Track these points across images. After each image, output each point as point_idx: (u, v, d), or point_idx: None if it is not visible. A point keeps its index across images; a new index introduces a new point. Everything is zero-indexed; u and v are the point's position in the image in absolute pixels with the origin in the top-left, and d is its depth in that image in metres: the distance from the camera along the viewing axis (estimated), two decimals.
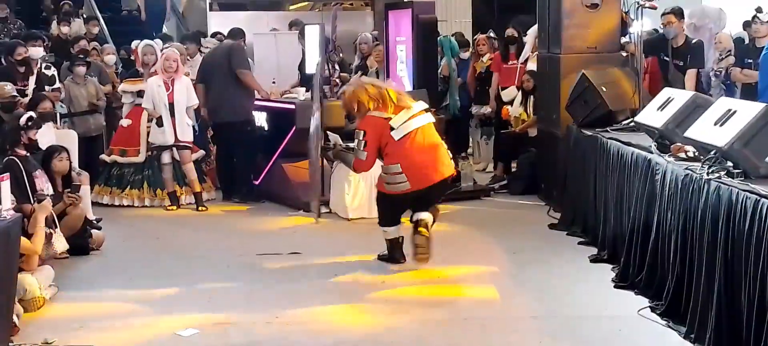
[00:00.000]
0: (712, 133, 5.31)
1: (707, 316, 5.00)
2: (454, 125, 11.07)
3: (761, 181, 4.81)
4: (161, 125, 9.45)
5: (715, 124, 5.32)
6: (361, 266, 7.07)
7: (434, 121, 7.24)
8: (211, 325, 5.71)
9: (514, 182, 10.19)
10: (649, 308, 5.75)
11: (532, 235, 8.05)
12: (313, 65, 9.53)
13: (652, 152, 6.27)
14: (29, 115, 7.48)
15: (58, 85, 9.95)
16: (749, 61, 9.29)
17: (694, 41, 9.24)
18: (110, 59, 11.71)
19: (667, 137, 6.26)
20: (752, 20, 9.47)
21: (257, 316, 5.87)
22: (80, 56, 10.68)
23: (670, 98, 6.56)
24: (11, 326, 5.42)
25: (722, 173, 5.06)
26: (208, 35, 12.74)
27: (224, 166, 10.23)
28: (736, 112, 5.21)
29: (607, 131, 7.56)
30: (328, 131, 8.24)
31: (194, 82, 9.91)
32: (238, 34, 10.46)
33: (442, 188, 7.18)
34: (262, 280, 6.75)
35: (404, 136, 6.89)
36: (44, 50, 10.17)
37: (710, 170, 5.15)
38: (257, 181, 10.12)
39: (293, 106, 9.67)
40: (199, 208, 9.60)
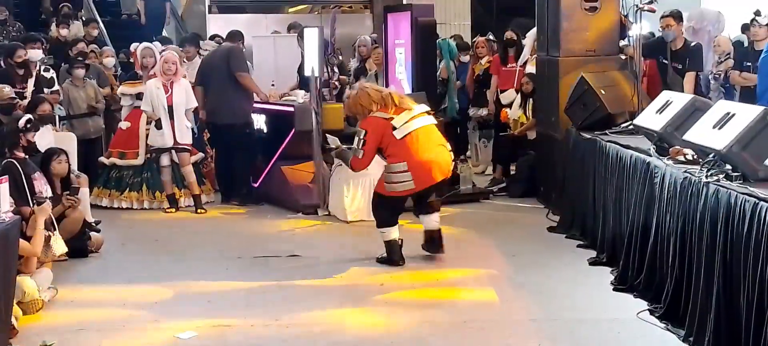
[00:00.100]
0: (710, 136, 5.31)
1: (706, 319, 5.00)
2: (452, 128, 11.08)
3: (760, 184, 4.81)
4: (160, 128, 9.44)
5: (713, 127, 5.33)
6: (359, 269, 7.07)
7: (436, 122, 7.37)
8: (209, 327, 5.70)
9: (513, 185, 10.19)
10: (648, 311, 5.75)
11: (531, 238, 8.05)
12: (311, 68, 9.52)
13: (650, 155, 6.26)
14: (28, 117, 7.48)
15: (56, 87, 9.95)
16: (748, 64, 9.29)
17: (692, 44, 9.23)
18: (109, 62, 11.69)
19: (666, 140, 6.26)
20: (751, 23, 9.48)
21: (256, 318, 5.86)
22: (79, 59, 10.66)
23: (668, 101, 6.56)
24: (10, 329, 5.41)
25: (721, 176, 5.06)
26: (206, 38, 12.74)
27: (223, 168, 10.22)
28: (734, 115, 5.22)
29: (606, 134, 7.56)
30: (327, 134, 8.23)
31: (193, 84, 9.90)
32: (236, 36, 10.44)
33: (439, 187, 7.34)
34: (260, 282, 6.74)
35: (407, 134, 6.98)
36: (43, 53, 10.17)
37: (709, 173, 5.15)
38: (256, 183, 10.11)
39: (292, 108, 9.67)
40: (198, 210, 9.60)
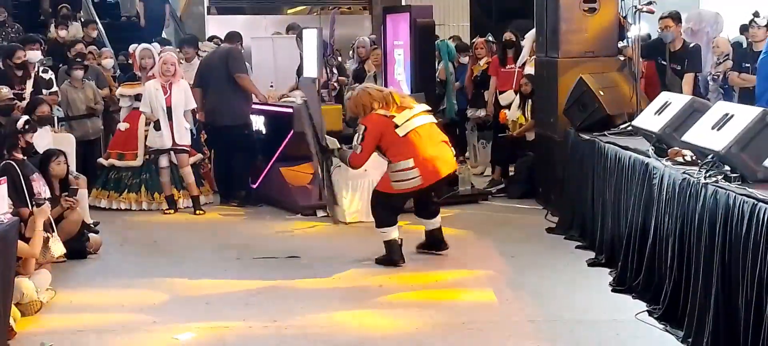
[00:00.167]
0: (709, 137, 5.31)
1: (705, 320, 5.00)
2: (451, 129, 11.06)
3: (758, 185, 4.81)
4: (159, 129, 9.43)
5: (712, 128, 5.33)
6: (358, 270, 7.07)
7: (436, 121, 7.44)
8: (208, 329, 5.70)
9: (511, 186, 10.19)
10: (646, 312, 5.75)
11: (529, 239, 8.05)
12: (310, 69, 9.53)
13: (649, 156, 6.26)
14: (26, 118, 7.47)
15: (55, 88, 9.94)
16: (747, 65, 9.29)
17: (691, 45, 9.23)
18: (108, 63, 11.69)
19: (664, 141, 6.26)
20: (749, 24, 9.48)
21: (254, 320, 5.86)
22: (77, 60, 10.66)
23: (667, 102, 6.56)
24: (8, 330, 5.41)
25: (719, 177, 5.06)
26: (204, 39, 12.73)
27: (222, 170, 10.21)
28: (733, 116, 5.22)
29: (604, 135, 7.56)
30: (326, 135, 8.22)
31: (192, 85, 9.89)
32: (235, 37, 10.42)
33: (440, 187, 7.43)
34: (259, 284, 6.74)
35: (410, 131, 7.03)
36: (41, 54, 10.17)
37: (708, 174, 5.15)
38: (255, 184, 10.10)
39: (291, 109, 9.66)
40: (196, 211, 9.58)
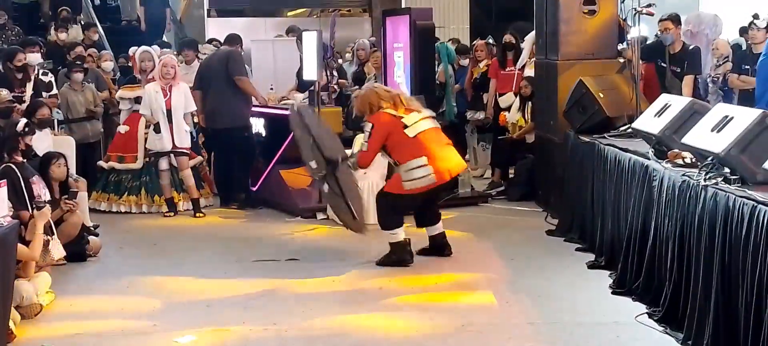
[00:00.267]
0: (709, 139, 5.30)
1: (704, 322, 5.00)
2: (450, 131, 11.03)
3: (758, 187, 4.81)
4: (159, 132, 9.43)
5: (712, 130, 5.32)
6: (358, 273, 7.06)
7: (439, 126, 7.51)
8: (208, 332, 5.70)
9: (511, 188, 10.18)
10: (646, 315, 5.75)
11: (529, 241, 8.04)
12: (310, 72, 9.53)
13: (649, 158, 6.26)
14: (26, 121, 7.47)
15: (55, 91, 9.95)
16: (746, 67, 9.30)
17: (691, 47, 9.23)
18: (108, 65, 11.69)
19: (664, 143, 6.26)
20: (749, 26, 9.49)
21: (255, 323, 5.85)
22: (77, 62, 10.66)
23: (667, 104, 6.56)
24: (8, 333, 5.41)
25: (719, 179, 5.06)
26: (204, 42, 12.74)
27: (222, 172, 10.21)
28: (733, 118, 5.21)
29: (604, 137, 7.55)
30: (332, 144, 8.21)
31: (192, 88, 9.90)
32: (235, 40, 10.42)
33: (444, 188, 7.53)
34: (259, 286, 6.74)
35: (420, 132, 7.11)
36: (41, 56, 10.17)
37: (707, 176, 5.15)
38: (255, 187, 10.10)
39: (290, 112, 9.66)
40: (196, 214, 9.58)
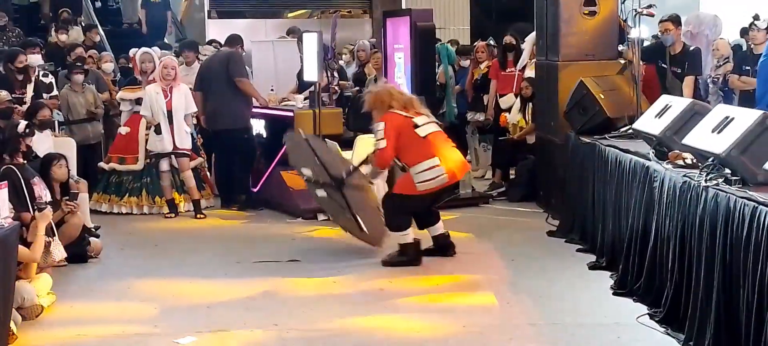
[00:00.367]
0: (709, 140, 5.31)
1: (706, 323, 5.00)
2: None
3: (759, 188, 4.81)
4: (159, 133, 9.43)
5: (712, 131, 5.32)
6: (359, 274, 7.06)
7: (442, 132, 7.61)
8: (209, 334, 5.70)
9: (512, 189, 10.19)
10: (647, 315, 5.75)
11: (530, 242, 8.04)
12: (311, 73, 9.53)
13: (650, 159, 6.26)
14: (27, 122, 7.48)
15: (55, 92, 9.95)
16: (747, 68, 9.30)
17: (691, 48, 9.23)
18: (108, 67, 11.70)
19: (665, 144, 6.26)
20: (750, 27, 9.49)
21: (256, 324, 5.86)
22: (78, 64, 10.66)
23: (668, 105, 6.56)
24: (9, 335, 5.41)
25: (720, 180, 5.06)
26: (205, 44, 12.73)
27: (223, 173, 10.21)
28: (733, 119, 5.21)
29: (605, 138, 7.55)
30: (325, 139, 8.23)
31: (192, 89, 9.90)
32: (235, 41, 10.42)
33: (440, 194, 7.51)
34: (260, 288, 6.74)
35: (430, 133, 7.24)
36: (41, 58, 10.17)
37: (708, 177, 5.15)
38: (256, 188, 10.10)
39: (291, 113, 9.67)
40: (197, 215, 9.58)
